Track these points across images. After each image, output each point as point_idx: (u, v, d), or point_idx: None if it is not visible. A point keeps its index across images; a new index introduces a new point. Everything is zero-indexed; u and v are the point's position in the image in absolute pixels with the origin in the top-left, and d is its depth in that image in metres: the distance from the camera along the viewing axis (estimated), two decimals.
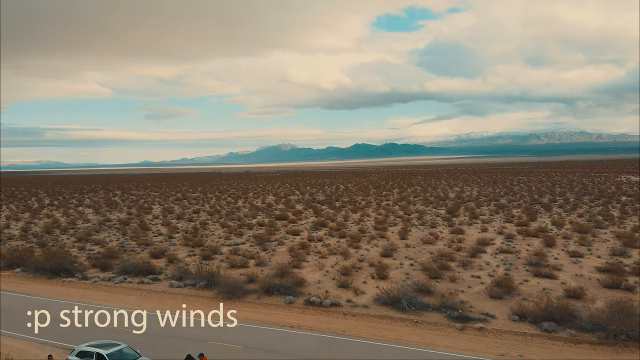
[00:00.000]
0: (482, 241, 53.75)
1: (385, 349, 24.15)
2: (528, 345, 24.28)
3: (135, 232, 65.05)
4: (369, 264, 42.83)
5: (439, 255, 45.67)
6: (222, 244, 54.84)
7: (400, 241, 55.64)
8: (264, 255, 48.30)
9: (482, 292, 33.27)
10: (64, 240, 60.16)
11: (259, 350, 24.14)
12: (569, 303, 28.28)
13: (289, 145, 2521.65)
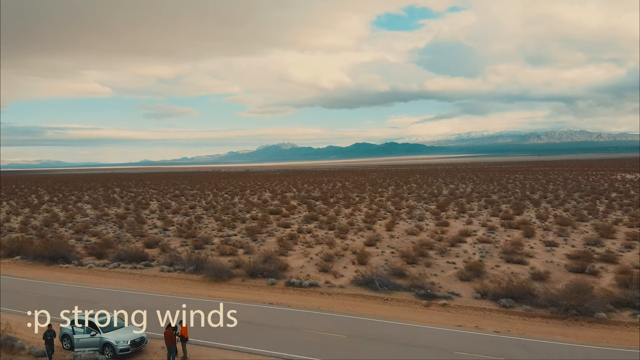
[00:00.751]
0: (464, 232, 55.93)
1: (354, 321, 26.31)
2: (485, 319, 26.44)
3: (132, 225, 67.21)
4: (351, 252, 44.93)
5: (420, 245, 47.77)
6: (214, 235, 56.96)
7: (386, 232, 57.75)
8: (253, 245, 50.43)
9: (453, 276, 35.40)
10: (62, 232, 62.31)
11: (243, 323, 26.30)
12: (530, 284, 30.45)
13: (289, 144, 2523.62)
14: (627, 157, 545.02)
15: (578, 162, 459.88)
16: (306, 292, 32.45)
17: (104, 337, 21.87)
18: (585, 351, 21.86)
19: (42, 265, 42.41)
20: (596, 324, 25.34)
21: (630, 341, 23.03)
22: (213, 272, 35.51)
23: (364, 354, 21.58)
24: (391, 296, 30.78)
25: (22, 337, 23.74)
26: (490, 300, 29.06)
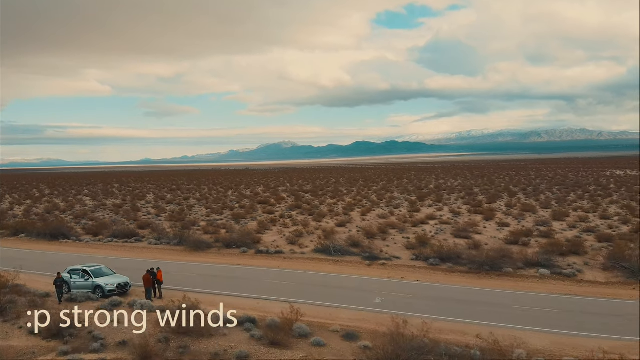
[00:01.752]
0: (431, 216, 61.17)
1: (303, 274, 31.73)
2: (412, 273, 31.81)
3: (127, 213, 72.53)
4: (322, 231, 50.20)
5: (385, 225, 53.02)
6: (201, 220, 62.28)
7: (360, 217, 62.98)
8: (236, 226, 55.72)
9: (401, 246, 40.67)
10: (63, 218, 67.66)
11: (210, 276, 31.70)
12: (458, 249, 35.76)
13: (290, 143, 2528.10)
14: (627, 155, 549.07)
15: (577, 160, 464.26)
16: (272, 257, 37.86)
17: (95, 281, 27.22)
18: (480, 291, 27.21)
19: (45, 242, 47.80)
20: (503, 276, 30.68)
21: (524, 287, 28.40)
22: (193, 244, 40.94)
23: (299, 293, 26.94)
24: (342, 259, 36.17)
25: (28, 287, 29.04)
26: (423, 261, 34.43)
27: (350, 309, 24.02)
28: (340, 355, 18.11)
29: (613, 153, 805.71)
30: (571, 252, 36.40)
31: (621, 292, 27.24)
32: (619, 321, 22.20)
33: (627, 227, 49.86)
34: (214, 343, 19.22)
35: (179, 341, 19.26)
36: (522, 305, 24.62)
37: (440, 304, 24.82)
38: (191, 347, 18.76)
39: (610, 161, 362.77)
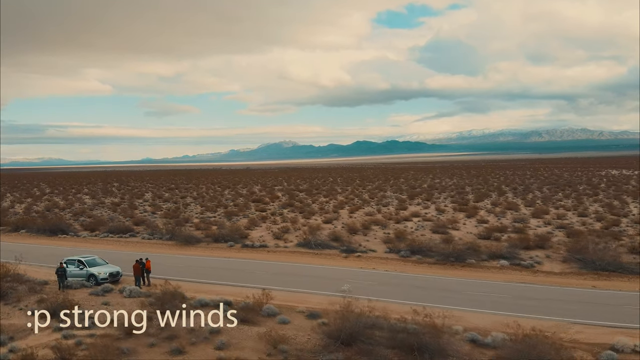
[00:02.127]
0: (415, 213, 63.66)
1: (282, 265, 34.31)
2: (384, 264, 34.36)
3: (124, 210, 75.09)
4: (308, 227, 52.68)
5: (369, 222, 55.49)
6: (195, 217, 64.80)
7: (348, 215, 65.44)
8: (227, 223, 58.21)
9: (380, 241, 43.14)
10: (62, 215, 70.23)
11: (196, 267, 34.25)
12: (429, 242, 38.23)
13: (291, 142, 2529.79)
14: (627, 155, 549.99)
15: (576, 159, 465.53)
16: (256, 250, 40.44)
17: (89, 270, 29.79)
18: (441, 279, 29.75)
19: (44, 237, 50.39)
20: (466, 267, 33.21)
21: (482, 276, 30.94)
22: (183, 239, 43.53)
23: (276, 281, 29.48)
24: (322, 252, 38.74)
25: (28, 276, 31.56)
26: (395, 254, 36.97)
27: (319, 295, 26.50)
28: (300, 330, 20.62)
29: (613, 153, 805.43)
30: (537, 246, 38.92)
31: (571, 281, 29.73)
32: (558, 305, 24.68)
33: (599, 224, 52.28)
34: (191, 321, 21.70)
35: None
36: (475, 292, 27.14)
37: (400, 290, 27.36)
38: (171, 325, 21.25)
39: (609, 161, 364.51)
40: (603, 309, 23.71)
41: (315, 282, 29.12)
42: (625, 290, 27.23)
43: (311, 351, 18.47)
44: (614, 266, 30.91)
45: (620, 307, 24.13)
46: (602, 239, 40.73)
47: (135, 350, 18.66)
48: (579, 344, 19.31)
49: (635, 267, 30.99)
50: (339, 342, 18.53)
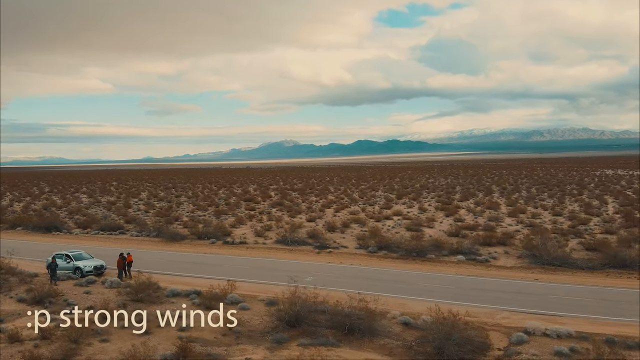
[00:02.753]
0: (398, 212, 66.23)
1: (258, 260, 36.90)
2: (351, 259, 37.01)
3: (118, 209, 77.72)
4: (290, 225, 55.26)
5: (351, 220, 58.02)
6: (184, 215, 67.38)
7: (334, 213, 67.94)
8: (214, 221, 60.78)
9: (354, 237, 45.69)
10: (58, 213, 72.87)
11: (177, 262, 36.86)
12: (397, 239, 40.78)
13: (292, 141, 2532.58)
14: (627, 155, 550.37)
15: (576, 159, 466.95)
16: (236, 247, 43.07)
17: (76, 264, 32.41)
18: (398, 272, 32.35)
19: (39, 234, 53.06)
20: (426, 262, 35.81)
21: (438, 270, 33.57)
22: (168, 236, 46.20)
23: (247, 274, 32.07)
24: (297, 248, 41.35)
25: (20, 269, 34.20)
26: (364, 250, 39.57)
27: (283, 285, 29.00)
28: (256, 315, 23.23)
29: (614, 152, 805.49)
30: (499, 243, 41.42)
31: (518, 274, 32.29)
32: (496, 294, 27.26)
33: (569, 223, 54.73)
34: (161, 308, 24.33)
35: (134, 306, 24.38)
36: (426, 283, 29.74)
37: (358, 281, 29.93)
38: (143, 310, 23.86)
39: (608, 161, 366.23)
40: (534, 299, 26.26)
41: (282, 275, 31.61)
42: (561, 283, 29.80)
43: (261, 332, 21.08)
44: (561, 261, 33.42)
45: (546, 296, 26.69)
46: (556, 237, 43.55)
47: (107, 331, 21.25)
48: (499, 327, 21.90)
49: (581, 262, 33.51)
50: (286, 324, 21.15)
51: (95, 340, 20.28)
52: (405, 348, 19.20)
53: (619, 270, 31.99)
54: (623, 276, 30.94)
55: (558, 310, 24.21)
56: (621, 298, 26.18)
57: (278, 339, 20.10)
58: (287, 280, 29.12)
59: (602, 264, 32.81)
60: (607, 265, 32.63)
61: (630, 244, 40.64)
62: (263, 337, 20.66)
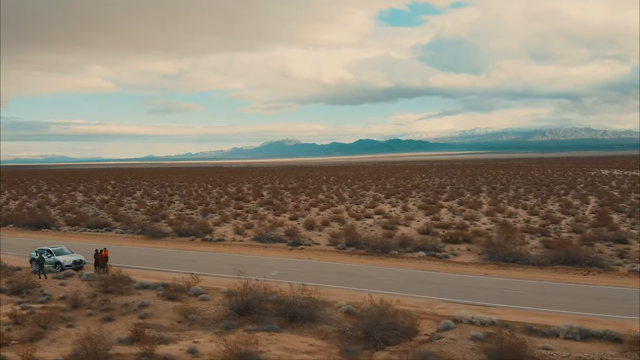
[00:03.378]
0: (380, 211, 68.17)
1: (232, 256, 38.90)
2: (320, 255, 39.07)
3: (110, 207, 79.80)
4: (272, 224, 57.22)
5: (334, 218, 59.96)
6: (172, 214, 69.38)
7: (319, 212, 69.84)
8: (199, 219, 62.75)
9: (329, 235, 47.58)
10: (51, 211, 75.00)
11: (154, 257, 38.90)
12: (366, 236, 42.76)
13: (293, 140, 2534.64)
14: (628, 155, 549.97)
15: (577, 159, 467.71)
16: (214, 244, 45.13)
17: (56, 258, 34.45)
18: (359, 267, 34.41)
19: (30, 231, 55.17)
20: (389, 257, 37.81)
21: (398, 265, 35.54)
22: (151, 233, 48.25)
23: (217, 269, 34.09)
24: (271, 245, 43.37)
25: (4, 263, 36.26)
26: (334, 246, 41.59)
27: (248, 279, 31.01)
28: (214, 305, 25.23)
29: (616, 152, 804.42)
30: (465, 241, 43.37)
31: (473, 269, 34.25)
32: (441, 287, 29.24)
33: (541, 222, 56.62)
34: (128, 298, 26.37)
35: (103, 296, 26.44)
36: (381, 276, 31.80)
37: (318, 275, 31.91)
38: (110, 300, 25.92)
39: (607, 160, 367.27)
40: (476, 291, 28.21)
41: (250, 270, 33.47)
42: (509, 278, 31.78)
43: (214, 319, 23.10)
44: (514, 258, 35.36)
45: (489, 289, 28.65)
46: (522, 235, 45.57)
47: (75, 318, 23.28)
48: (435, 316, 23.87)
49: (533, 259, 35.46)
50: (237, 313, 23.18)
51: (62, 326, 22.27)
52: (340, 333, 21.16)
53: (568, 266, 33.88)
54: (570, 272, 32.81)
55: (495, 302, 26.14)
56: (558, 292, 28.09)
57: (227, 325, 22.10)
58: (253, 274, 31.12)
59: (553, 260, 34.70)
60: (557, 262, 34.52)
61: (591, 242, 42.75)
62: (214, 324, 22.66)
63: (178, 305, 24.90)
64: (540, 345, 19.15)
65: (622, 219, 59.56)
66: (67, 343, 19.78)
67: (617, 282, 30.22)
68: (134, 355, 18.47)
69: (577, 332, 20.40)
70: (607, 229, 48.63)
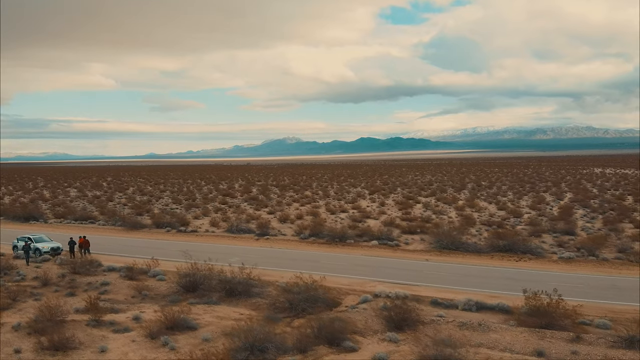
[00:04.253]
0: (356, 207, 71.17)
1: (201, 245, 41.99)
2: (283, 244, 42.30)
3: (100, 202, 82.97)
4: (247, 217, 60.27)
5: (310, 212, 62.96)
6: (157, 208, 72.51)
7: (298, 207, 72.85)
8: (181, 213, 65.74)
9: (297, 227, 50.65)
10: (42, 205, 78.21)
11: (128, 246, 42.03)
12: (326, 227, 45.85)
13: (294, 138, 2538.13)
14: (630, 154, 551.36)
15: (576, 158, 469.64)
16: (188, 235, 48.28)
17: (36, 245, 37.58)
18: (316, 254, 37.52)
19: (19, 223, 58.37)
20: (346, 246, 40.95)
21: (349, 252, 38.70)
22: (130, 224, 51.45)
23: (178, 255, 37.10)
24: (240, 236, 46.49)
25: None
26: (298, 236, 44.73)
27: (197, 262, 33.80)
28: (168, 283, 28.34)
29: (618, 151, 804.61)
30: (422, 232, 46.41)
31: (417, 256, 37.29)
32: (379, 270, 32.28)
33: (505, 215, 59.62)
34: (93, 278, 29.48)
35: (71, 277, 29.58)
36: (330, 262, 34.87)
37: (272, 260, 35.09)
38: (77, 280, 29.04)
39: (605, 159, 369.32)
40: (406, 273, 31.32)
41: (212, 257, 36.64)
42: (447, 262, 34.86)
43: (164, 295, 26.24)
44: (457, 245, 38.42)
45: (421, 272, 31.75)
46: (477, 227, 48.68)
47: (42, 293, 26.38)
48: (362, 292, 26.87)
49: (472, 246, 38.58)
50: (185, 289, 26.30)
51: (30, 300, 25.38)
52: (270, 305, 24.23)
53: (505, 253, 36.93)
54: (505, 259, 35.83)
55: (421, 281, 29.21)
56: (481, 274, 31.15)
57: (173, 299, 25.20)
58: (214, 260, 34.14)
59: (492, 248, 37.78)
60: (496, 249, 37.60)
61: (540, 234, 45.86)
62: (163, 298, 25.76)
63: (135, 283, 28.04)
64: (436, 314, 22.21)
65: (585, 213, 62.60)
66: (31, 312, 22.84)
67: (541, 267, 33.23)
68: (85, 321, 21.55)
69: (473, 304, 23.46)
70: (563, 223, 51.53)
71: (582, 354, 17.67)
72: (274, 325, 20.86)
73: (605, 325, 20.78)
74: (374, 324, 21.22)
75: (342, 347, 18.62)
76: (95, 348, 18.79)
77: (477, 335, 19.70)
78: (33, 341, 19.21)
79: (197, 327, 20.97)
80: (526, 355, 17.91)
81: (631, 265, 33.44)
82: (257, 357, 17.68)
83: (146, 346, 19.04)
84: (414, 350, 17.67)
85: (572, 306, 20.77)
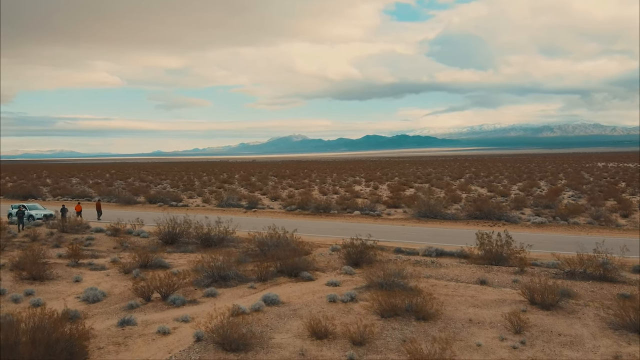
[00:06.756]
0: (349, 190, 72.48)
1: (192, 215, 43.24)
2: (269, 215, 43.59)
3: (99, 186, 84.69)
4: (242, 197, 61.66)
5: (299, 193, 64.37)
6: (153, 190, 73.98)
7: (289, 190, 74.22)
8: (175, 192, 67.24)
9: (288, 203, 52.08)
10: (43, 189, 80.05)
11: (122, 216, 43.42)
12: (315, 200, 47.20)
13: (300, 136, 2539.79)
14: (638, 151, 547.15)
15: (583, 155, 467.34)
16: (179, 208, 49.79)
17: (29, 212, 39.17)
18: (299, 222, 38.96)
19: (17, 200, 60.07)
20: (330, 216, 42.46)
21: (331, 220, 39.93)
22: (124, 200, 52.99)
23: None
24: (230, 209, 47.97)
25: None
26: (286, 209, 46.14)
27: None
28: (149, 239, 29.81)
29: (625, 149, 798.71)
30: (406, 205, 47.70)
31: (396, 223, 38.64)
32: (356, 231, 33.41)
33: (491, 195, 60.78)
34: (80, 235, 31.00)
35: (59, 234, 31.14)
36: (307, 226, 36.22)
37: (254, 226, 36.36)
38: (65, 237, 30.57)
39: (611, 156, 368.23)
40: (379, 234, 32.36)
41: None
42: (422, 227, 36.16)
43: (144, 246, 27.66)
44: (434, 215, 39.71)
45: (394, 232, 33.16)
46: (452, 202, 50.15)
47: (29, 246, 27.84)
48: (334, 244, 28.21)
49: (450, 215, 39.98)
50: (164, 242, 27.77)
51: (18, 251, 26.88)
52: (242, 252, 25.61)
53: (480, 220, 38.20)
54: (479, 225, 37.02)
55: (389, 238, 30.55)
56: (449, 234, 32.55)
57: (152, 249, 26.64)
58: None
59: (468, 216, 39.07)
60: (472, 217, 38.89)
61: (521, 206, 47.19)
62: (143, 249, 27.18)
63: (119, 239, 29.55)
64: (394, 257, 23.52)
65: (574, 194, 63.57)
66: (16, 257, 24.33)
67: (513, 230, 34.40)
68: (66, 263, 23.02)
69: (433, 251, 24.74)
70: (546, 200, 52.57)
71: (522, 282, 18.92)
72: (243, 265, 22.22)
73: (554, 265, 22.00)
74: (336, 263, 22.58)
75: (300, 277, 19.99)
76: (71, 279, 20.24)
77: (429, 270, 21.01)
78: (14, 274, 20.68)
79: (170, 267, 22.40)
80: (470, 283, 19.18)
81: (601, 228, 34.58)
82: (219, 285, 19.06)
83: (118, 278, 20.51)
84: (365, 280, 18.98)
85: (521, 247, 22.02)
